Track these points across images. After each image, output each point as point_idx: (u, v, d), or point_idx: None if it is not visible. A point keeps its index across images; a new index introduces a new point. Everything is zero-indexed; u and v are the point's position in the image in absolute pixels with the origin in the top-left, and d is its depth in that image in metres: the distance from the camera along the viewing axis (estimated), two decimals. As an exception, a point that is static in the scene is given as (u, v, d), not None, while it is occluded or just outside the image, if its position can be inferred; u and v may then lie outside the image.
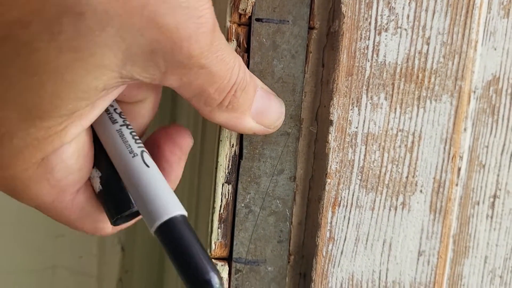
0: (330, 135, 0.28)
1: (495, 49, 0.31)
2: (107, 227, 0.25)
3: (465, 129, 0.31)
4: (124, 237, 0.47)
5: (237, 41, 0.28)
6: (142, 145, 0.23)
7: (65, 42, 0.19)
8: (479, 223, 0.32)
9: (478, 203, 0.32)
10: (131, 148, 0.23)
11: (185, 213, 0.22)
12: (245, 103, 0.24)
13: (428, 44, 0.29)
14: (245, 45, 0.28)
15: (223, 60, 0.22)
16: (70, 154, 0.22)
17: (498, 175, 0.32)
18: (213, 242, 0.30)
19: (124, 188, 0.23)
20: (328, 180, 0.29)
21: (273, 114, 0.27)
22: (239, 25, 0.28)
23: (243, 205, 0.29)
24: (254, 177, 0.29)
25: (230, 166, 0.29)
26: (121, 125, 0.23)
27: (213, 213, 0.30)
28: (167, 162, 0.25)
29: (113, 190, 0.23)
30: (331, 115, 0.28)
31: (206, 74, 0.22)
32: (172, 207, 0.21)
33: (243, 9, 0.28)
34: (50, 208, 0.23)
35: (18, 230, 0.47)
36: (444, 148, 0.30)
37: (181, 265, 0.20)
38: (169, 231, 0.21)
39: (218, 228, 0.30)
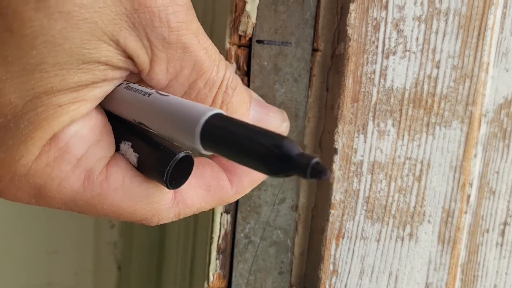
0: (334, 164, 0.27)
1: (507, 71, 0.29)
2: (166, 204, 0.22)
3: (475, 155, 0.29)
4: (120, 255, 0.46)
5: (236, 63, 0.27)
6: (152, 90, 0.21)
7: (53, 8, 0.18)
8: (489, 252, 0.31)
9: (488, 231, 0.31)
10: (144, 91, 0.21)
11: (223, 112, 0.19)
12: (241, 106, 0.23)
13: (438, 68, 0.27)
14: (245, 68, 0.27)
15: (206, 49, 0.21)
16: (82, 126, 0.20)
17: (509, 202, 0.31)
18: (211, 273, 0.28)
19: (160, 142, 0.21)
20: (332, 211, 0.27)
21: (274, 122, 0.25)
22: (239, 47, 0.27)
23: (242, 235, 0.28)
24: (254, 206, 0.28)
25: (229, 195, 0.28)
26: (126, 83, 0.22)
27: (211, 243, 0.28)
28: None
29: (150, 150, 0.21)
30: (335, 143, 0.27)
31: (191, 61, 0.21)
32: (205, 109, 0.19)
33: (243, 31, 0.26)
34: (88, 199, 0.21)
35: (12, 247, 0.45)
36: (454, 176, 0.29)
37: (246, 151, 0.17)
38: (216, 128, 0.18)
39: (217, 259, 0.28)
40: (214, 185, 0.23)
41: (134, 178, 0.21)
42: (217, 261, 0.28)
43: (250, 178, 0.24)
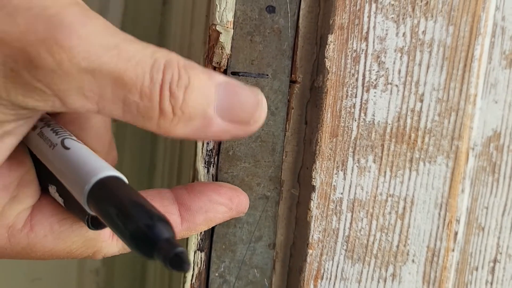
0: (312, 202, 0.26)
1: (496, 102, 0.28)
2: (105, 241, 0.22)
3: (462, 190, 0.28)
4: (102, 283, 0.45)
5: (211, 95, 0.26)
6: (65, 134, 0.20)
7: None
8: (478, 290, 0.30)
9: (477, 269, 0.29)
10: (51, 142, 0.20)
11: (119, 175, 0.18)
12: (199, 102, 0.19)
13: (421, 101, 0.26)
14: (220, 100, 0.26)
15: (119, 54, 0.17)
16: None
17: (498, 238, 0.30)
18: (184, 314, 0.27)
19: None
20: (310, 251, 0.26)
21: (247, 104, 0.20)
22: (213, 78, 0.26)
23: (217, 274, 0.27)
24: (229, 244, 0.27)
25: (203, 232, 0.26)
26: (41, 127, 0.21)
27: (184, 282, 0.27)
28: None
29: (71, 195, 0.20)
30: (313, 180, 0.25)
31: (107, 79, 0.17)
32: (101, 169, 0.18)
33: (217, 62, 0.25)
34: (19, 251, 0.20)
35: (-9, 274, 0.44)
36: (439, 214, 0.27)
37: (120, 222, 0.16)
38: (103, 192, 0.17)
39: (190, 299, 0.27)
40: None
41: (63, 221, 0.20)
42: (191, 301, 0.27)
43: (205, 217, 0.23)
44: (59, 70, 0.17)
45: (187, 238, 0.26)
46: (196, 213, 0.23)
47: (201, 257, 0.27)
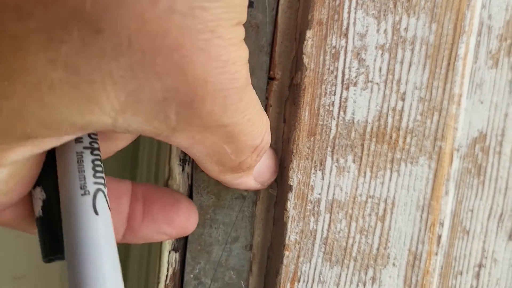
0: (289, 202, 0.25)
1: (482, 103, 0.27)
2: None
3: (446, 192, 0.27)
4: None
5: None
6: (102, 180, 0.18)
7: (63, 56, 0.15)
8: (462, 296, 0.29)
9: (461, 273, 0.29)
10: (85, 182, 0.18)
11: None
12: (255, 165, 0.22)
13: (403, 100, 0.25)
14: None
15: (250, 120, 0.19)
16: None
17: (484, 242, 0.29)
18: (158, 316, 0.26)
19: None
20: (286, 253, 0.25)
21: (271, 171, 0.25)
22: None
23: (192, 276, 0.26)
24: (205, 245, 0.26)
25: (177, 232, 0.26)
26: (84, 147, 0.18)
27: (158, 283, 0.26)
28: (143, 232, 0.22)
29: (53, 223, 0.19)
30: (290, 179, 0.25)
31: (226, 132, 0.18)
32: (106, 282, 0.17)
33: (193, 58, 0.24)
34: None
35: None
36: (421, 217, 0.26)
37: None
38: None
39: (164, 300, 0.26)
40: None
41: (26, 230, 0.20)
42: (165, 303, 0.26)
43: (146, 240, 0.23)
44: (205, 118, 0.17)
45: (162, 238, 0.26)
46: (139, 238, 0.23)
47: (175, 258, 0.26)
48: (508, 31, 0.27)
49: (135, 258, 0.36)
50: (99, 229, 0.17)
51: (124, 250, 0.38)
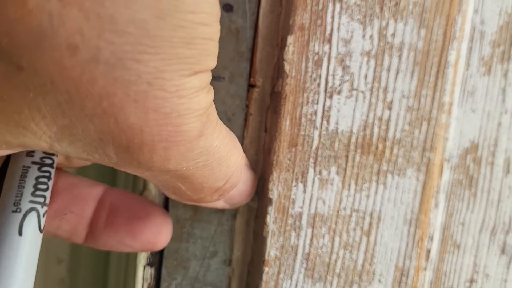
0: (268, 216, 0.24)
1: (474, 111, 0.26)
2: None
3: (436, 205, 0.26)
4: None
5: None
6: (42, 199, 0.17)
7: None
8: (452, 312, 0.28)
9: (451, 289, 0.27)
10: (20, 199, 0.17)
11: None
12: (221, 199, 0.21)
13: (390, 109, 0.24)
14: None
15: (206, 166, 0.17)
16: None
17: (475, 256, 0.28)
18: (132, 334, 0.25)
19: None
20: (266, 269, 0.24)
21: (244, 196, 0.23)
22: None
23: (168, 292, 0.25)
24: (182, 260, 0.25)
25: (153, 246, 0.25)
26: (33, 162, 0.18)
27: (133, 299, 0.25)
28: (104, 239, 0.21)
29: None
30: (270, 192, 0.24)
31: (175, 175, 0.17)
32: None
33: (170, 64, 0.23)
34: None
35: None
36: (408, 231, 0.25)
37: None
38: None
39: (139, 317, 0.25)
40: None
41: None
42: (140, 320, 0.25)
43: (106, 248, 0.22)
44: (146, 164, 0.16)
45: (136, 252, 0.25)
46: (100, 245, 0.21)
47: (151, 273, 0.25)
48: (502, 37, 0.26)
49: (113, 270, 0.34)
50: (19, 251, 0.16)
51: (104, 262, 0.37)
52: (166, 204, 0.24)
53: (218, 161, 0.18)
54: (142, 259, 0.25)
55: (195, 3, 0.14)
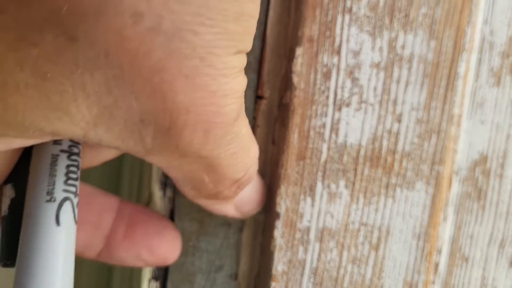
0: (276, 230, 0.23)
1: (483, 123, 0.26)
2: None
3: (444, 218, 0.26)
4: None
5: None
6: (74, 188, 0.17)
7: (33, 59, 0.13)
8: (460, 326, 0.27)
9: (460, 303, 0.27)
10: (53, 188, 0.16)
11: None
12: (235, 196, 0.21)
13: (399, 121, 0.24)
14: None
15: (233, 154, 0.17)
16: None
17: (484, 269, 0.27)
18: None
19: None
20: (273, 284, 0.24)
21: (254, 204, 0.23)
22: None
23: (173, 306, 0.24)
24: (187, 274, 0.24)
25: (158, 260, 0.24)
26: (61, 150, 0.17)
27: (137, 313, 0.25)
28: (123, 251, 0.21)
29: (18, 224, 0.17)
30: (277, 206, 0.23)
31: (204, 163, 0.17)
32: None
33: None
34: None
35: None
36: (417, 245, 0.25)
37: None
38: None
39: (143, 332, 0.25)
40: None
41: None
42: (144, 334, 0.25)
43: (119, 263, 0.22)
44: (183, 148, 0.16)
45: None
46: (115, 259, 0.21)
47: (156, 287, 0.24)
48: (511, 47, 0.26)
49: (117, 285, 0.34)
50: (57, 242, 0.15)
51: (107, 276, 0.36)
52: (172, 218, 0.24)
53: (243, 150, 0.18)
54: (147, 272, 0.24)
55: None
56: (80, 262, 0.38)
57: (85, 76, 0.14)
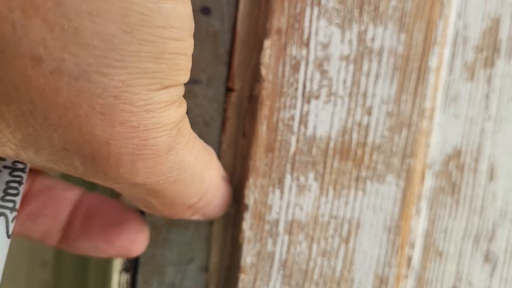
0: (244, 222, 0.23)
1: (457, 117, 0.26)
2: None
3: (417, 212, 0.25)
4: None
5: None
6: (11, 204, 0.17)
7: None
8: (434, 321, 0.27)
9: (434, 297, 0.27)
10: None
11: None
12: (195, 216, 0.21)
13: (369, 114, 0.24)
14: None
15: (177, 182, 0.17)
16: None
17: (458, 264, 0.27)
18: None
19: None
20: (242, 276, 0.24)
21: (218, 209, 0.22)
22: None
23: (143, 298, 0.25)
24: (158, 266, 0.24)
25: (128, 252, 0.24)
26: (4, 166, 0.18)
27: (108, 305, 0.25)
28: (82, 242, 0.21)
29: None
30: (246, 197, 0.23)
31: (146, 189, 0.17)
32: None
33: (146, 67, 0.23)
34: None
35: None
36: (388, 238, 0.25)
37: None
38: None
39: (114, 324, 0.25)
40: None
41: None
42: (115, 326, 0.25)
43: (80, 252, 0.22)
44: (112, 176, 0.16)
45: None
46: (75, 249, 0.21)
47: (127, 279, 0.24)
48: (485, 42, 0.26)
49: (93, 275, 0.34)
50: None
51: (83, 267, 0.36)
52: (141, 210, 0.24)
53: (191, 177, 0.17)
54: (118, 264, 0.24)
55: (166, 18, 0.14)
56: (62, 252, 0.38)
57: (2, 107, 0.14)
